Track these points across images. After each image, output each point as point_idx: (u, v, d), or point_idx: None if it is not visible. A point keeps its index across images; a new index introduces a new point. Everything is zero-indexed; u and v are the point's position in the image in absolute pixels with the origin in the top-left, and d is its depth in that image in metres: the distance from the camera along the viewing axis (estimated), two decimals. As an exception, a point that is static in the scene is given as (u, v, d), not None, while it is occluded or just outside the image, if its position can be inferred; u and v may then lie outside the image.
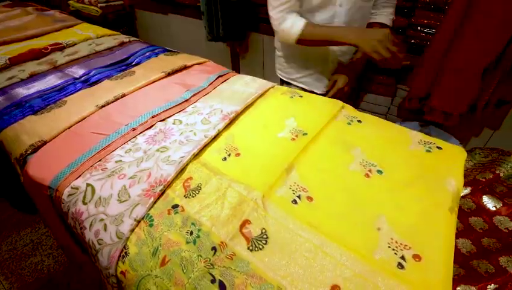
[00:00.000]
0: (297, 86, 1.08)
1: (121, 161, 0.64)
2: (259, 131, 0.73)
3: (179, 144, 0.67)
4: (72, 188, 0.60)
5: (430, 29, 1.26)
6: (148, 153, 0.66)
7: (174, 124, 0.75)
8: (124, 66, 0.98)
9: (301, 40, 0.86)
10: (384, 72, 1.55)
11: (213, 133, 0.70)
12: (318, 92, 1.04)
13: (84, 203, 0.57)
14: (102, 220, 0.54)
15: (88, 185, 0.59)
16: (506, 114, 1.27)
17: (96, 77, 0.90)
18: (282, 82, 1.15)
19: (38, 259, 1.40)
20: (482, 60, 1.05)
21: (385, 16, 0.91)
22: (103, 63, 0.98)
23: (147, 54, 1.05)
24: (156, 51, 1.08)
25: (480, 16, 1.00)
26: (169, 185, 0.58)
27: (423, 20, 1.26)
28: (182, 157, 0.62)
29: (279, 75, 1.14)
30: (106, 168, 0.62)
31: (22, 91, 0.85)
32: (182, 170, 0.61)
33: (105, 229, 0.52)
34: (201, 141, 0.67)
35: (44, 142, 0.69)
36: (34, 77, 0.90)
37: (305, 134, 0.71)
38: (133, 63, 0.99)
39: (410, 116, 1.55)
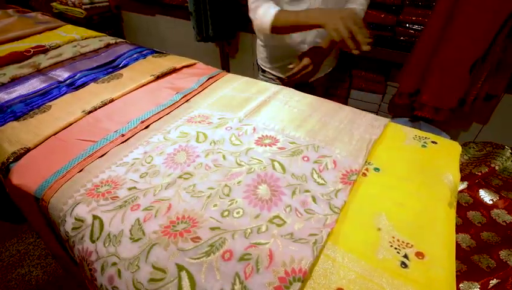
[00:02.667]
0: (273, 74, 1.12)
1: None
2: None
3: (205, 170, 0.59)
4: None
5: (419, 26, 1.28)
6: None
7: (197, 140, 0.67)
8: (110, 68, 0.95)
9: (275, 28, 0.87)
10: (374, 70, 1.56)
11: (245, 159, 0.61)
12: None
13: None
14: None
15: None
16: (494, 108, 1.29)
17: (81, 80, 0.86)
18: (260, 69, 1.18)
19: (25, 270, 1.35)
20: (471, 55, 1.06)
21: (356, 4, 0.92)
22: (89, 65, 0.95)
23: (135, 55, 1.02)
24: (144, 52, 1.05)
25: (467, 11, 1.02)
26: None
27: (411, 17, 1.28)
28: (210, 188, 0.55)
29: (259, 63, 1.17)
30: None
31: (3, 96, 0.81)
32: None
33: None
34: (231, 169, 0.59)
35: (28, 150, 0.66)
36: (15, 81, 0.86)
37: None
38: (120, 66, 0.96)
39: (400, 112, 1.57)
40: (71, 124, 0.73)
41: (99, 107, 0.77)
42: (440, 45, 1.11)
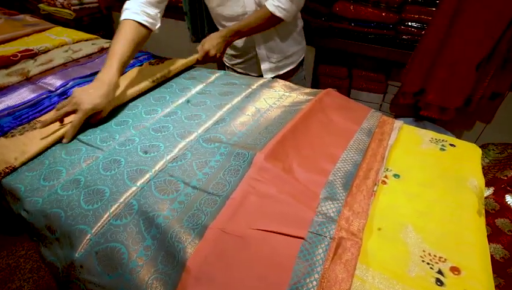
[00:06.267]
0: (236, 71, 1.16)
1: None
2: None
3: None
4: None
5: (421, 24, 1.25)
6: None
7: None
8: None
9: None
10: (375, 69, 1.54)
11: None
12: (253, 75, 1.11)
13: None
14: None
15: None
16: (498, 107, 1.27)
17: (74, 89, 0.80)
18: (226, 67, 1.22)
19: (16, 285, 1.28)
20: (477, 53, 1.04)
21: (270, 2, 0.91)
22: (82, 72, 0.87)
23: (131, 61, 0.95)
24: (141, 58, 0.98)
25: (473, 9, 1.00)
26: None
27: (414, 15, 1.25)
28: None
29: (224, 60, 1.20)
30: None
31: None
32: None
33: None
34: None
35: (14, 169, 0.59)
36: (3, 91, 0.79)
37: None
38: None
39: (403, 112, 1.55)
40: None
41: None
42: (445, 43, 1.09)
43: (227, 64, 1.20)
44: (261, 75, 1.10)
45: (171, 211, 0.46)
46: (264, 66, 1.08)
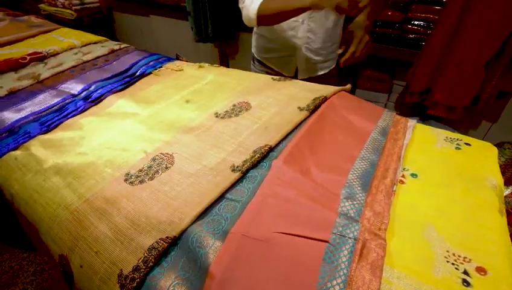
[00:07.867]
0: (265, 65, 1.08)
1: None
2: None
3: None
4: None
5: (428, 23, 1.25)
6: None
7: None
8: (127, 77, 0.85)
9: (262, 18, 0.83)
10: (380, 69, 1.54)
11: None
12: (285, 75, 1.03)
13: None
14: None
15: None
16: (504, 106, 1.27)
17: (98, 92, 0.76)
18: (254, 59, 1.13)
19: (20, 287, 1.27)
20: (485, 52, 1.04)
21: None
22: (101, 76, 0.85)
23: (151, 63, 0.92)
24: (161, 59, 0.96)
25: (481, 7, 0.99)
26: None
27: (420, 14, 1.25)
28: None
29: (253, 52, 1.12)
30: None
31: (10, 115, 0.70)
32: None
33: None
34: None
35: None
36: (22, 96, 0.76)
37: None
38: (137, 74, 0.86)
39: (408, 111, 1.54)
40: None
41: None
42: (453, 43, 1.09)
43: (256, 56, 1.09)
44: (294, 76, 1.03)
45: None
46: (301, 66, 1.01)
